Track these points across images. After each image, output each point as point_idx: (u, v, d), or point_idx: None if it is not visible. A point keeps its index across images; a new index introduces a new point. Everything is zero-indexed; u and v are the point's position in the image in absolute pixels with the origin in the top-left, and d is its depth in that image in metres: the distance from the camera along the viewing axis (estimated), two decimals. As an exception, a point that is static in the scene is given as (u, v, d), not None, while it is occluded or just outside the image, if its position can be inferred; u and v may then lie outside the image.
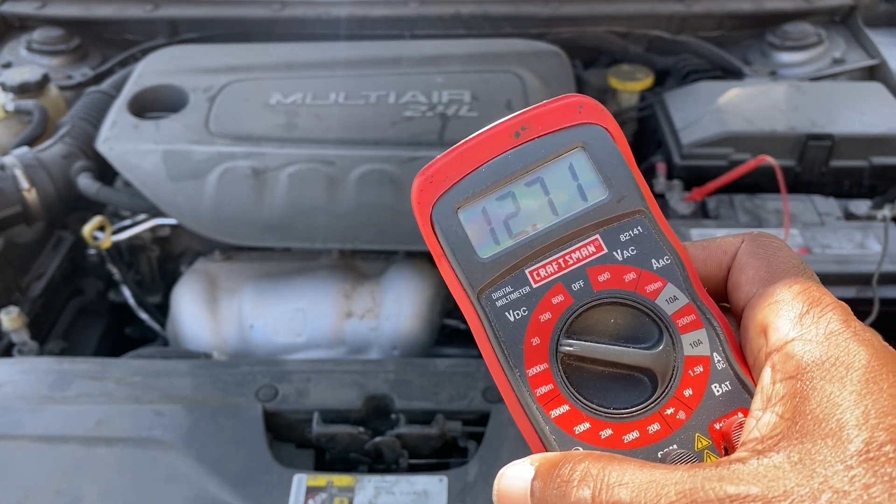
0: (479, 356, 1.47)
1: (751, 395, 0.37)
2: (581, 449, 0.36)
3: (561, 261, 0.38)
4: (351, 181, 1.33)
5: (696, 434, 0.37)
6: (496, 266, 0.38)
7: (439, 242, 0.39)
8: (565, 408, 0.37)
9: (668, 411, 0.37)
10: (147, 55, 1.68)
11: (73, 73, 1.78)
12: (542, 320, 0.38)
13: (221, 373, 1.09)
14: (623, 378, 0.38)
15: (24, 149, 1.43)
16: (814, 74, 1.73)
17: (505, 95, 1.48)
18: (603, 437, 0.36)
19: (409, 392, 1.06)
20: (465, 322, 1.48)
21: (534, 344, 0.37)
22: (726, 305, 0.39)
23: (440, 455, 1.06)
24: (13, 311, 1.27)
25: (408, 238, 1.33)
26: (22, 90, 1.58)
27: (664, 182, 1.48)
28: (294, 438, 1.06)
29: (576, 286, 0.38)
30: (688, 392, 0.37)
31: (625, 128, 1.76)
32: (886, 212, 1.41)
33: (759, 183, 1.47)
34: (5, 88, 1.60)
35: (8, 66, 1.75)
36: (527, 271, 0.38)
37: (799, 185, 1.51)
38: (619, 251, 0.38)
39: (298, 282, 1.39)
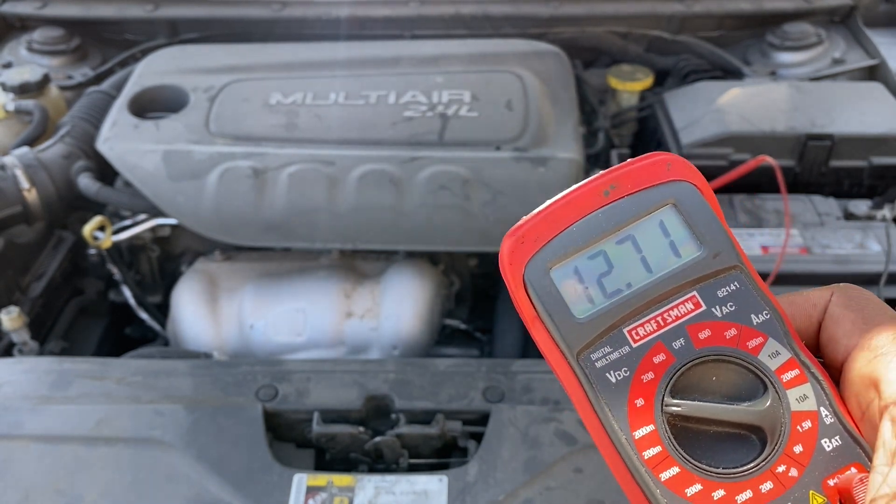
0: (480, 356, 1.48)
1: (863, 449, 0.36)
2: None
3: (659, 319, 0.38)
4: (351, 181, 1.33)
5: (811, 491, 0.36)
6: (594, 326, 0.38)
7: (533, 304, 0.38)
8: (675, 470, 0.36)
9: (780, 469, 0.36)
10: (147, 55, 1.68)
11: (74, 73, 1.78)
12: (644, 380, 0.37)
13: (221, 373, 1.09)
14: (730, 436, 0.37)
15: (25, 149, 1.43)
16: (814, 74, 1.73)
17: (505, 95, 1.48)
18: (716, 498, 0.36)
19: (409, 392, 1.06)
20: (465, 322, 1.49)
21: (638, 405, 0.37)
22: (820, 359, 0.39)
23: (440, 455, 1.06)
24: (13, 310, 1.27)
25: (408, 238, 1.33)
26: (22, 90, 1.58)
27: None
28: (294, 438, 1.06)
29: (676, 344, 0.38)
30: (798, 448, 0.36)
31: (624, 128, 1.76)
32: (886, 212, 1.41)
33: (759, 183, 1.47)
34: (6, 88, 1.60)
35: (8, 66, 1.75)
36: (625, 330, 0.38)
37: (799, 185, 1.51)
38: (717, 307, 0.38)
39: (298, 282, 1.39)
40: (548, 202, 0.39)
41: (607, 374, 0.37)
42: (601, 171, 0.40)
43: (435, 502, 0.93)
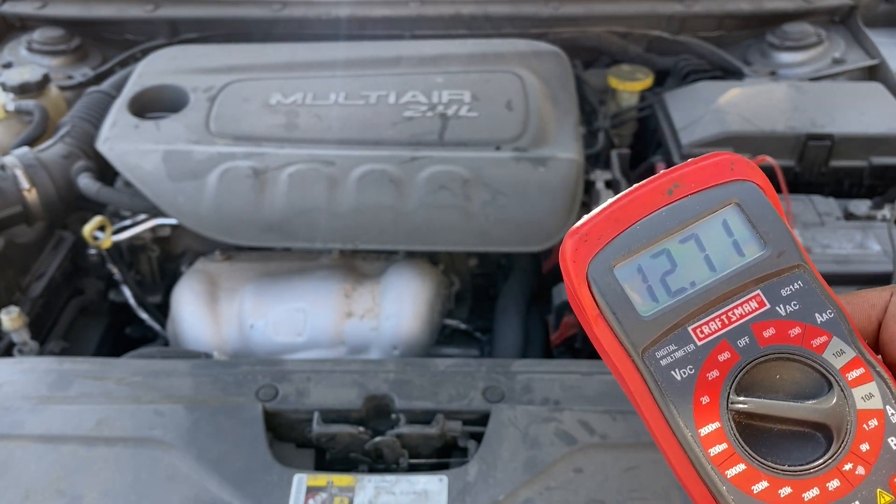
0: (480, 356, 1.48)
1: None
2: None
3: (724, 317, 0.38)
4: (351, 181, 1.33)
5: (878, 490, 0.36)
6: (658, 324, 0.38)
7: (596, 302, 0.38)
8: (741, 467, 0.36)
9: (847, 467, 0.36)
10: (147, 55, 1.68)
11: (74, 73, 1.78)
12: (709, 378, 0.37)
13: (221, 373, 1.09)
14: (796, 434, 0.37)
15: (25, 149, 1.43)
16: (814, 74, 1.73)
17: (505, 95, 1.48)
18: (782, 495, 0.36)
19: (409, 392, 1.06)
20: (465, 322, 1.49)
21: (703, 403, 0.37)
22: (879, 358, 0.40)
23: (440, 455, 1.06)
24: (13, 310, 1.27)
25: (408, 238, 1.33)
26: (22, 90, 1.58)
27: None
28: (294, 438, 1.06)
29: (741, 342, 0.38)
30: (864, 447, 0.36)
31: (624, 128, 1.76)
32: (886, 212, 1.41)
33: (759, 183, 1.47)
34: (6, 88, 1.60)
35: (8, 66, 1.75)
36: (689, 329, 0.38)
37: (799, 185, 1.51)
38: (781, 306, 0.38)
39: (299, 282, 1.39)
40: (610, 200, 0.39)
41: (672, 372, 0.37)
42: (665, 170, 0.40)
43: (435, 502, 0.93)
